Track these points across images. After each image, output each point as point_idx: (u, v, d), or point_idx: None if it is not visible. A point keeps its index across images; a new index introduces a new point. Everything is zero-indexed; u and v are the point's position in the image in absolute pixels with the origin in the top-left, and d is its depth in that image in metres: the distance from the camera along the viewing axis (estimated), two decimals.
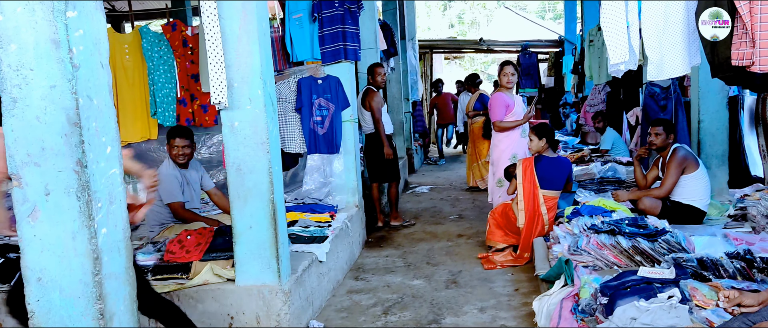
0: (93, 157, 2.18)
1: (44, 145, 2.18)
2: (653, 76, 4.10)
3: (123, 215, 2.33)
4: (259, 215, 3.89)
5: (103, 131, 2.23)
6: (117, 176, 2.29)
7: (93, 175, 2.18)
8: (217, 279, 4.01)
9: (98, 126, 2.22)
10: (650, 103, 7.60)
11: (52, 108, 2.16)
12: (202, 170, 5.32)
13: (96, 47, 2.25)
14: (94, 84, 2.23)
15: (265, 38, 3.92)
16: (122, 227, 2.32)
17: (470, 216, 7.74)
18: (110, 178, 2.25)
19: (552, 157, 5.67)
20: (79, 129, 2.16)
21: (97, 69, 2.24)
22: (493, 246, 5.86)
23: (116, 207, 2.28)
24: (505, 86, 6.29)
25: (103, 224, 2.21)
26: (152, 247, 4.38)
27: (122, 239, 2.32)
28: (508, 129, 6.26)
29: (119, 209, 2.30)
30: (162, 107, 6.48)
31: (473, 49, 16.77)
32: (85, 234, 2.18)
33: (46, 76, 2.15)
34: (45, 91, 2.16)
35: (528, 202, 5.60)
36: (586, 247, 4.50)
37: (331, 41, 6.45)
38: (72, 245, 2.19)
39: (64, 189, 2.18)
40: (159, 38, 6.48)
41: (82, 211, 2.17)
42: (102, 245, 2.20)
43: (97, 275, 2.20)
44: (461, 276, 5.29)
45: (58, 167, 2.18)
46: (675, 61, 3.96)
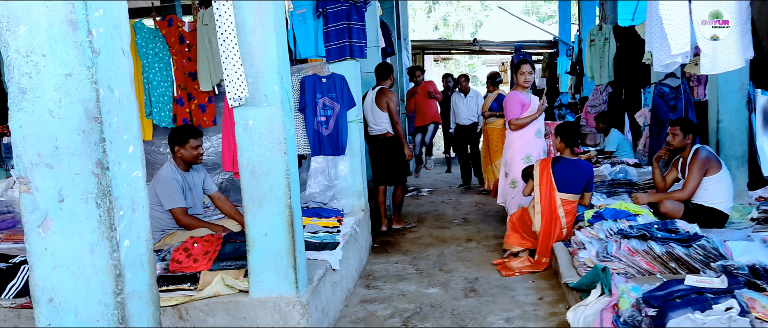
0: (114, 158, 1.88)
1: (58, 143, 1.88)
2: (707, 70, 3.88)
3: (146, 224, 2.03)
4: (275, 221, 3.60)
5: (125, 128, 1.94)
6: (140, 179, 2.00)
7: (115, 178, 1.88)
8: (228, 290, 3.71)
9: (120, 122, 1.92)
10: (660, 103, 7.42)
11: (68, 100, 1.86)
12: (205, 173, 5.02)
13: (117, 30, 1.95)
14: (116, 73, 1.93)
15: (281, 29, 3.63)
16: (145, 237, 2.02)
17: (476, 219, 7.49)
18: (133, 181, 1.95)
19: (571, 160, 5.44)
20: (100, 125, 1.86)
21: (119, 55, 1.94)
22: (509, 250, 5.62)
23: (139, 215, 1.98)
24: (522, 85, 6.05)
25: (126, 235, 1.91)
26: (155, 256, 4.05)
27: (145, 251, 2.02)
28: (523, 127, 6.02)
29: (142, 217, 2.00)
30: (157, 107, 6.15)
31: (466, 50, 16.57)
32: (106, 247, 1.88)
33: (61, 62, 1.85)
34: (60, 81, 1.86)
35: (545, 205, 5.36)
36: (617, 253, 4.28)
37: (336, 38, 6.18)
38: (90, 260, 1.89)
39: (82, 195, 1.88)
40: (154, 34, 6.15)
41: (102, 220, 1.88)
42: (124, 259, 1.90)
43: (119, 295, 1.90)
44: (479, 284, 5.03)
45: (74, 169, 1.88)
46: (729, 54, 3.75)
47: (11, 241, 5.25)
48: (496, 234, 6.59)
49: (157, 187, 4.64)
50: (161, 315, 3.60)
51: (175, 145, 4.70)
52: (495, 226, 7.00)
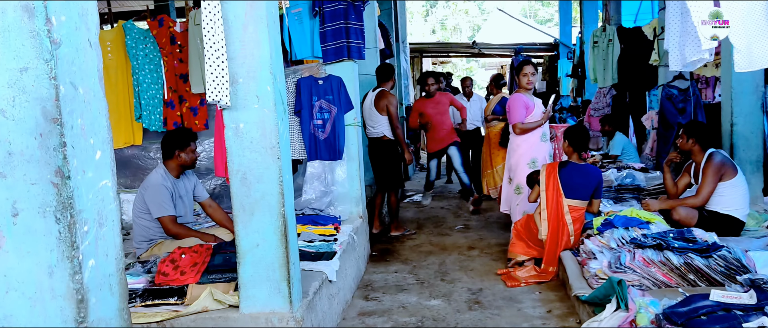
0: (77, 165, 1.63)
1: (12, 148, 1.63)
2: (743, 68, 3.63)
3: (116, 240, 1.78)
4: (267, 230, 3.35)
5: (91, 130, 1.69)
6: (109, 189, 1.74)
7: (77, 188, 1.63)
8: (217, 305, 3.46)
9: (85, 123, 1.67)
10: (668, 106, 7.19)
11: (23, 99, 1.61)
12: (195, 179, 4.77)
13: (83, 19, 1.70)
14: (80, 68, 1.68)
15: (274, 26, 3.39)
16: (115, 256, 1.77)
17: (477, 226, 7.24)
18: (100, 192, 1.70)
19: (579, 165, 5.19)
20: (60, 127, 1.61)
21: (84, 48, 1.69)
22: (514, 259, 5.38)
23: (108, 230, 1.73)
24: (525, 87, 5.80)
25: (91, 254, 1.65)
26: (141, 268, 3.82)
27: (115, 272, 1.76)
28: (528, 131, 5.79)
29: (112, 233, 1.75)
30: (148, 110, 5.90)
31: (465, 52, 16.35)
32: (66, 268, 1.62)
33: (14, 55, 1.60)
34: (13, 76, 1.61)
35: (551, 211, 5.11)
36: (631, 264, 4.03)
37: (334, 38, 5.95)
38: (48, 284, 1.63)
39: (39, 208, 1.63)
40: (144, 35, 5.90)
41: (63, 237, 1.62)
42: (89, 281, 1.64)
43: (82, 323, 1.65)
44: (483, 295, 4.78)
45: (30, 178, 1.63)
46: (766, 49, 3.49)
47: None
48: (499, 242, 6.34)
49: (146, 194, 4.39)
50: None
51: (176, 149, 4.45)
52: (497, 233, 6.75)
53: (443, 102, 7.85)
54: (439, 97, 7.84)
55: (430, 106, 7.82)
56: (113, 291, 1.75)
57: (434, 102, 7.82)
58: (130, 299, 3.53)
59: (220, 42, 3.32)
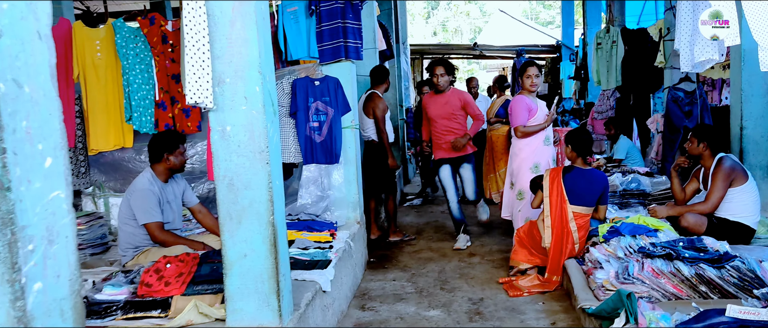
0: (21, 175, 1.44)
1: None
2: None
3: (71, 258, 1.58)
4: (255, 240, 3.16)
5: (39, 134, 1.49)
6: (62, 201, 1.55)
7: (20, 201, 1.43)
8: (203, 319, 3.27)
9: (31, 126, 1.48)
10: (674, 109, 7.00)
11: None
12: (184, 183, 4.58)
13: (30, 8, 1.51)
14: (26, 63, 1.48)
15: (264, 23, 3.21)
16: (69, 276, 1.57)
17: (478, 232, 7.04)
18: (51, 204, 1.51)
19: (584, 170, 5.00)
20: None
21: (32, 41, 1.50)
22: (516, 267, 5.18)
23: (61, 248, 1.53)
24: (528, 89, 5.60)
25: (37, 277, 1.46)
26: (124, 277, 3.62)
27: (68, 295, 1.56)
28: (530, 135, 5.59)
29: (65, 251, 1.55)
30: (138, 111, 5.70)
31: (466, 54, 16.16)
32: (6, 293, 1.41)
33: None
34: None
35: (555, 218, 4.92)
36: (640, 274, 3.84)
37: (330, 38, 5.77)
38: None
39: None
40: (135, 34, 5.72)
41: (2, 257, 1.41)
42: (34, 308, 1.44)
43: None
44: (484, 305, 4.59)
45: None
46: None
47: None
48: (500, 248, 6.15)
49: (132, 199, 4.21)
50: None
51: (165, 152, 4.27)
52: (499, 239, 6.56)
53: (453, 103, 6.24)
54: (449, 96, 6.28)
55: (435, 106, 6.28)
56: (65, 317, 1.55)
57: (443, 101, 6.29)
58: (111, 311, 3.35)
59: (203, 40, 3.14)
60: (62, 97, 5.71)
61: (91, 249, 4.83)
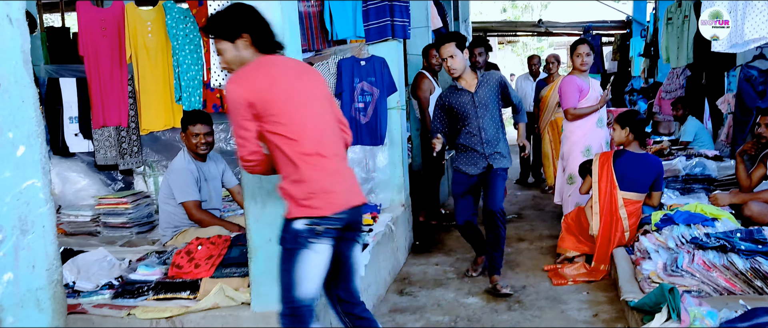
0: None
1: None
2: None
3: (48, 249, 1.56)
4: (279, 224, 3.11)
5: (9, 122, 1.47)
6: (39, 190, 1.53)
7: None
8: (229, 302, 3.27)
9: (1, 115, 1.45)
10: (746, 89, 6.56)
11: None
12: (224, 164, 4.61)
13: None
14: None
15: (291, 5, 3.14)
16: (46, 266, 1.55)
17: (530, 216, 6.85)
18: (24, 194, 1.49)
19: (638, 154, 4.73)
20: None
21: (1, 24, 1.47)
22: (563, 254, 4.99)
23: (36, 238, 1.52)
24: (579, 69, 5.33)
25: (7, 267, 1.44)
26: (157, 258, 3.68)
27: (45, 285, 1.55)
28: (581, 117, 5.33)
29: (42, 241, 1.54)
30: (187, 92, 5.77)
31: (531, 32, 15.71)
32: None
33: None
34: None
35: (604, 205, 4.69)
36: (690, 267, 3.61)
37: (377, 17, 5.67)
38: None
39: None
40: (185, 14, 5.77)
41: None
42: (2, 299, 1.43)
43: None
44: (525, 293, 4.44)
45: None
46: None
47: None
48: (552, 234, 5.94)
49: (170, 178, 4.27)
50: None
51: (181, 132, 4.32)
52: (551, 224, 6.34)
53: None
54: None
55: None
56: (42, 307, 1.54)
57: None
58: (143, 292, 3.40)
59: None
60: (115, 78, 5.85)
61: (137, 228, 4.94)
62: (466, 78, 4.47)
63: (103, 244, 4.60)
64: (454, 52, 4.37)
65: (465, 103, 4.45)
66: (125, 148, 5.77)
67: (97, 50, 5.68)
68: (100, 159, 5.70)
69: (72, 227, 4.99)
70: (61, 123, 5.85)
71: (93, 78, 5.66)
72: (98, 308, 3.29)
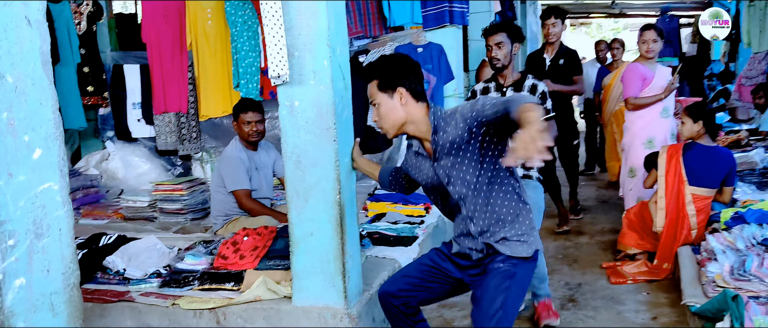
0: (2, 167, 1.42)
1: None
2: None
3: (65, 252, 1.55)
4: (321, 219, 3.09)
5: (26, 125, 1.47)
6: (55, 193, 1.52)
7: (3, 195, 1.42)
8: (271, 295, 3.27)
9: (15, 117, 1.45)
10: None
11: None
12: (276, 153, 4.61)
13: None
14: (9, 51, 1.45)
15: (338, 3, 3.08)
16: (63, 270, 1.55)
17: (592, 209, 6.59)
18: (39, 198, 1.49)
19: (709, 147, 4.44)
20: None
21: (20, 27, 1.46)
22: (623, 251, 4.77)
23: (52, 241, 1.52)
24: (645, 55, 5.02)
25: (19, 272, 1.45)
26: (203, 248, 3.71)
27: (62, 289, 1.55)
28: (643, 107, 5.03)
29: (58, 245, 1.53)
30: (245, 78, 5.81)
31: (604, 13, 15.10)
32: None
33: None
34: None
35: (670, 200, 4.44)
36: (758, 271, 3.37)
37: (435, 2, 5.59)
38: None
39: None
40: (244, 1, 5.82)
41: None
42: (14, 304, 1.43)
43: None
44: (581, 291, 4.27)
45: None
46: None
47: (91, 217, 5.18)
48: (613, 228, 5.69)
49: (221, 166, 4.31)
50: (198, 319, 3.26)
51: (233, 120, 4.34)
52: (614, 218, 6.07)
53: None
54: None
55: None
56: (56, 311, 1.54)
57: None
58: (188, 281, 3.45)
59: (279, 11, 3.09)
60: (176, 65, 5.95)
61: (192, 214, 5.03)
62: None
63: (158, 230, 4.70)
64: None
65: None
66: (185, 134, 5.88)
67: (159, 37, 5.79)
68: (161, 144, 5.83)
69: (130, 211, 5.13)
70: (124, 109, 6.01)
71: (155, 64, 5.79)
72: (145, 296, 3.36)
